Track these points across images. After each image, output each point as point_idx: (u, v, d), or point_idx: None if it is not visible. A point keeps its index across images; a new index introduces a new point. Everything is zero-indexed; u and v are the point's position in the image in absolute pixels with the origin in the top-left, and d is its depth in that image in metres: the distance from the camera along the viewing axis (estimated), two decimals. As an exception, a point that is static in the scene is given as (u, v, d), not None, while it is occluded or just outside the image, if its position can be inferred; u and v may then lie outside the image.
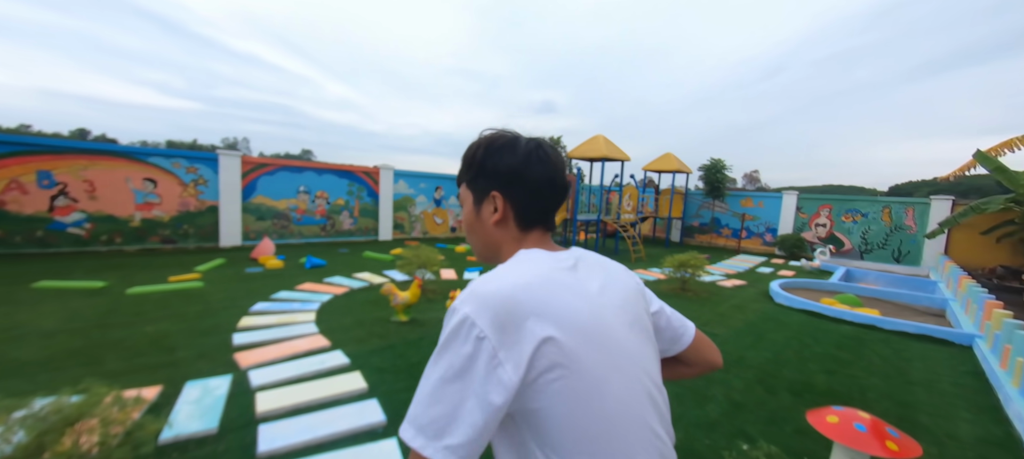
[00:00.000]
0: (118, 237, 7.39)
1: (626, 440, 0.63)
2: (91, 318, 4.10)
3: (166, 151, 7.76)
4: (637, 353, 0.70)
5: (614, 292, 0.73)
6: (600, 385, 0.62)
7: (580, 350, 0.62)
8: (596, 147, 10.18)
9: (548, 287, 0.65)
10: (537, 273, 0.67)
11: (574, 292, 0.66)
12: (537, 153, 0.75)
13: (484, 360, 0.58)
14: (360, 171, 10.35)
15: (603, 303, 0.69)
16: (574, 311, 0.64)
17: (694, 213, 15.12)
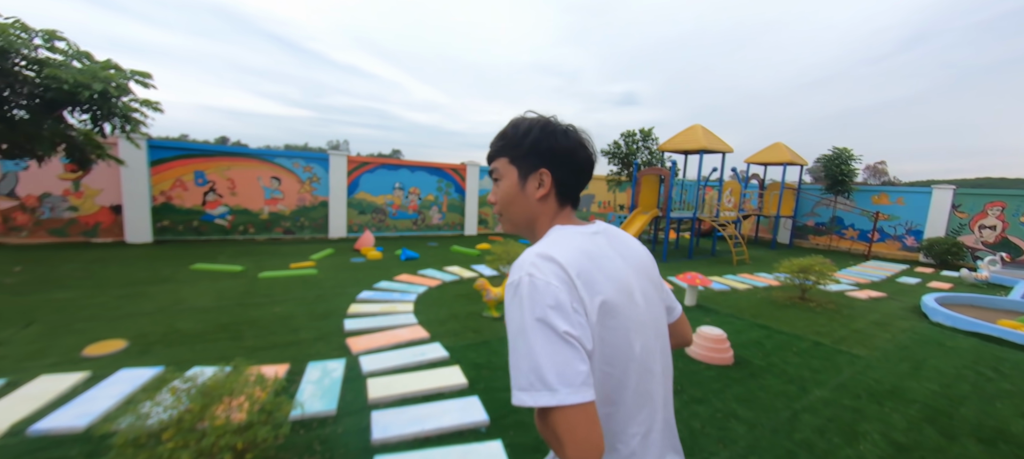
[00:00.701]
0: (251, 227, 8.56)
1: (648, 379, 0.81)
2: (234, 297, 4.73)
3: (288, 153, 8.80)
4: (651, 307, 0.85)
5: (633, 258, 0.86)
6: (628, 337, 0.77)
7: (620, 306, 0.76)
8: (693, 138, 9.34)
9: (595, 259, 0.77)
10: (581, 248, 0.77)
11: (611, 260, 0.80)
12: (584, 139, 0.87)
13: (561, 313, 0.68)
14: (449, 168, 10.76)
15: (627, 268, 0.82)
16: (615, 276, 0.78)
17: (809, 211, 13.25)
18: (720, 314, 5.08)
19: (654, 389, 0.82)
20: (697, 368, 3.49)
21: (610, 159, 10.90)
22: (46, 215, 6.98)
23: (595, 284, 0.73)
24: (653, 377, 0.82)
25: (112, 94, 4.39)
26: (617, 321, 0.75)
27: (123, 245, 7.33)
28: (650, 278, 0.88)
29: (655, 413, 0.82)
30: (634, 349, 0.78)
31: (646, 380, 0.80)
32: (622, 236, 0.90)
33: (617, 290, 0.76)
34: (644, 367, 0.80)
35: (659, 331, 0.86)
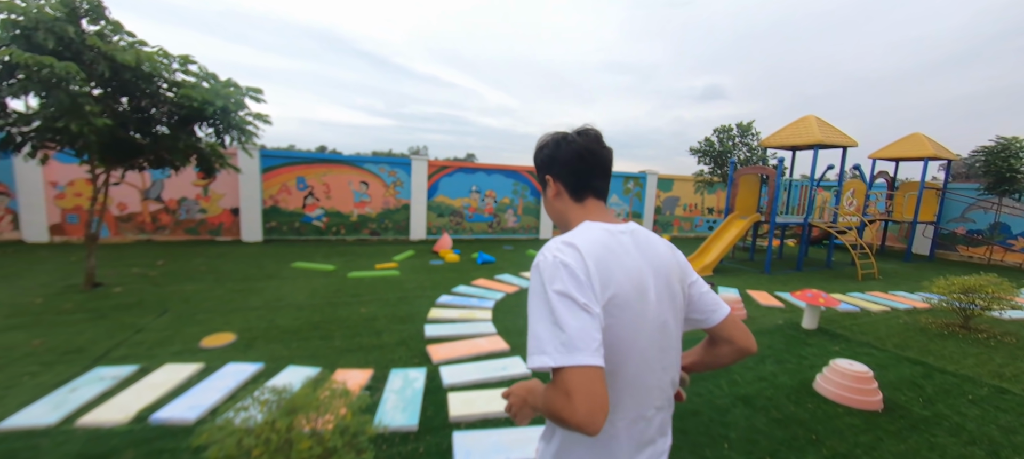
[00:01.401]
0: (342, 229, 9.21)
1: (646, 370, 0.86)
2: (325, 296, 5.00)
3: (374, 158, 9.33)
4: (662, 307, 0.88)
5: (656, 259, 0.90)
6: (634, 330, 0.83)
7: (630, 302, 0.82)
8: (806, 131, 8.10)
9: (614, 252, 0.83)
10: (601, 241, 0.83)
11: (625, 254, 0.85)
12: (565, 139, 0.95)
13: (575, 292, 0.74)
14: (524, 171, 10.63)
15: (647, 267, 0.87)
16: (631, 271, 0.83)
17: (959, 216, 10.88)
18: (852, 342, 4.21)
19: (650, 382, 0.88)
20: (834, 412, 2.84)
21: (700, 158, 9.92)
22: (183, 216, 8.15)
23: (610, 275, 0.79)
24: (651, 371, 0.88)
25: (231, 109, 4.87)
26: (625, 315, 0.81)
27: (239, 243, 8.29)
28: (669, 280, 0.91)
29: (647, 404, 0.88)
30: (637, 343, 0.84)
31: (643, 373, 0.86)
32: (649, 237, 0.94)
33: (631, 286, 0.82)
34: (643, 359, 0.86)
35: (666, 330, 0.90)
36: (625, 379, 0.83)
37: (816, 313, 4.54)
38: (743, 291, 6.10)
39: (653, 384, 0.88)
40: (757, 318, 4.86)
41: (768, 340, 4.14)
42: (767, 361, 3.63)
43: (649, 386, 0.87)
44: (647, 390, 0.87)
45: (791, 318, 4.90)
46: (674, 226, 12.86)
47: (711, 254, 7.70)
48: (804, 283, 6.96)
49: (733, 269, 7.93)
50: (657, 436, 0.92)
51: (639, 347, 0.84)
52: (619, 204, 11.82)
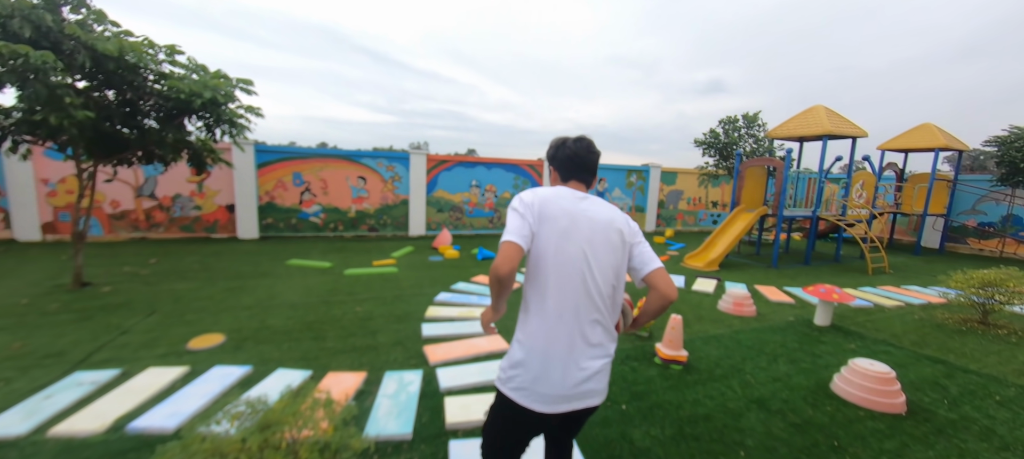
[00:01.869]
0: (340, 225, 9.06)
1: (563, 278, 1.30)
2: (320, 294, 4.85)
3: (372, 153, 9.16)
4: (592, 248, 1.32)
5: (596, 218, 1.34)
6: (556, 239, 1.30)
7: (554, 220, 1.31)
8: (815, 121, 7.89)
9: (554, 199, 1.34)
10: (553, 192, 1.36)
11: (567, 204, 1.33)
12: (564, 144, 1.44)
13: (521, 212, 1.31)
14: (525, 164, 10.44)
15: (582, 218, 1.32)
16: (560, 211, 1.32)
17: (969, 208, 10.66)
18: (867, 340, 4.04)
19: (570, 287, 1.30)
20: (855, 415, 2.68)
21: (705, 150, 9.71)
22: (178, 213, 8.01)
23: (546, 206, 1.32)
24: (570, 281, 1.30)
25: (220, 101, 4.70)
26: (547, 227, 1.31)
27: (235, 240, 8.15)
28: (607, 232, 1.34)
29: (565, 303, 1.30)
30: (562, 247, 1.30)
31: (562, 278, 1.30)
32: (599, 204, 1.37)
33: (563, 216, 1.31)
34: (562, 267, 1.30)
35: (593, 256, 1.31)
36: (549, 267, 1.29)
37: (829, 309, 4.37)
38: (751, 286, 5.93)
39: (571, 290, 1.29)
40: (767, 314, 4.70)
41: (780, 338, 3.98)
42: (780, 360, 3.47)
43: (567, 291, 1.29)
44: (571, 284, 1.29)
45: (802, 314, 4.74)
46: (678, 220, 12.67)
47: (717, 248, 7.52)
48: (813, 278, 6.79)
49: (739, 263, 7.75)
50: (591, 333, 1.32)
51: (562, 251, 1.29)
52: (622, 198, 11.63)
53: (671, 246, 9.49)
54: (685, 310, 4.76)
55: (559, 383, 1.28)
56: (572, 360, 1.29)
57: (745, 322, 4.41)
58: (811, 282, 6.39)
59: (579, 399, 1.31)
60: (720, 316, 4.57)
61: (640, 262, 1.39)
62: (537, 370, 1.28)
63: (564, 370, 1.28)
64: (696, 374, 3.17)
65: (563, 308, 1.28)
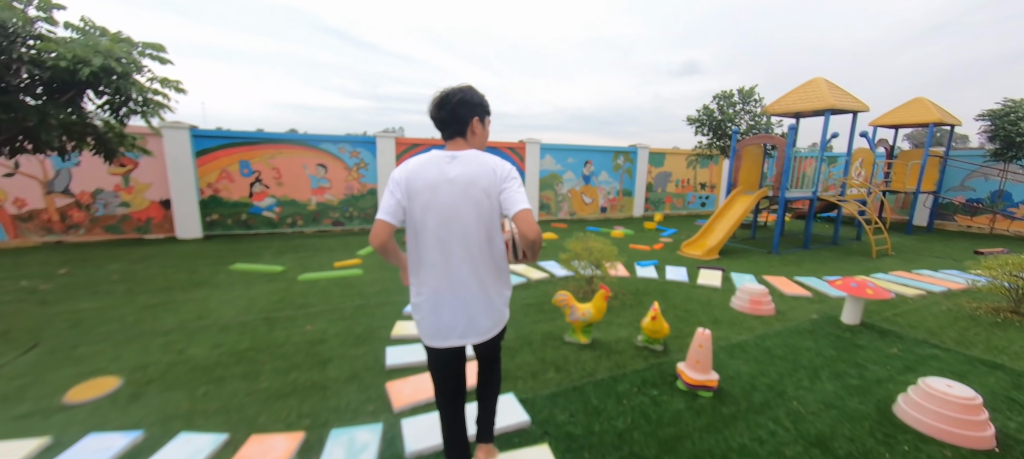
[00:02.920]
0: (299, 219, 8.09)
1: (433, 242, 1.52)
2: (264, 308, 4.02)
3: (333, 137, 8.17)
4: (455, 211, 1.50)
5: (458, 180, 1.49)
6: (422, 218, 1.51)
7: (420, 193, 1.49)
8: (815, 95, 7.40)
9: (419, 171, 1.51)
10: (420, 163, 1.53)
11: (431, 174, 1.50)
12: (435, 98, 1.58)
13: (391, 189, 1.53)
14: (505, 147, 9.65)
15: (444, 184, 1.49)
16: (423, 184, 1.49)
17: (958, 185, 10.55)
18: (906, 339, 3.54)
19: (442, 247, 1.51)
20: (940, 454, 2.11)
21: (697, 128, 9.13)
22: (100, 211, 6.88)
23: (412, 181, 1.50)
24: (441, 243, 1.51)
25: (117, 70, 3.72)
26: (414, 202, 1.50)
27: (174, 241, 7.10)
28: (468, 187, 1.49)
29: (440, 260, 1.53)
30: (428, 214, 1.50)
31: (433, 241, 1.51)
32: (464, 162, 1.51)
33: (423, 186, 1.49)
34: (432, 233, 1.51)
35: (456, 210, 1.50)
36: (420, 234, 1.53)
37: (859, 306, 3.86)
38: (759, 277, 5.42)
39: (449, 249, 1.52)
40: (786, 312, 4.16)
41: (812, 343, 3.43)
42: (822, 375, 2.91)
43: (445, 250, 1.51)
44: (442, 246, 1.51)
45: (825, 310, 4.23)
46: (666, 203, 12.18)
47: (715, 235, 7.01)
48: (816, 263, 6.36)
49: (738, 250, 7.27)
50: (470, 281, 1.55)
51: (428, 220, 1.50)
52: (609, 182, 11.01)
53: (663, 232, 8.97)
54: (696, 310, 4.18)
55: (447, 325, 1.55)
56: (458, 305, 1.54)
57: (766, 324, 3.86)
58: (813, 267, 5.95)
59: (471, 336, 1.59)
60: (736, 317, 4.01)
61: (507, 206, 1.49)
62: (427, 313, 1.57)
63: (451, 314, 1.54)
64: (731, 403, 2.55)
65: (439, 265, 1.52)
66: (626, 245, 7.49)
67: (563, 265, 4.73)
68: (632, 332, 3.55)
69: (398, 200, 1.49)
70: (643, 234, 8.77)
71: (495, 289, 1.59)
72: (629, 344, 3.33)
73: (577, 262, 4.53)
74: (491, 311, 1.59)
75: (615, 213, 11.28)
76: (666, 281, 5.22)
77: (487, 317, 1.58)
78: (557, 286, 4.85)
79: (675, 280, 5.22)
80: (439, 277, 1.52)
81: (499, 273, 1.60)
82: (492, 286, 1.58)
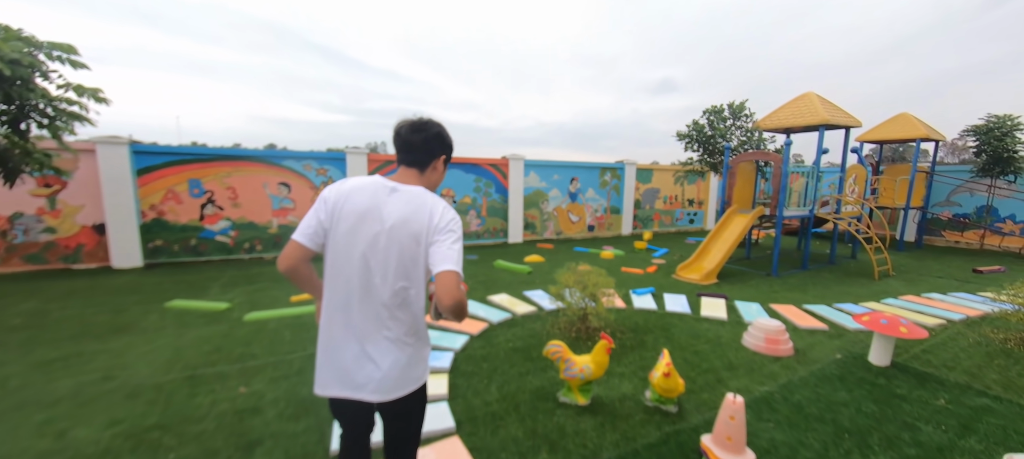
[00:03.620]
0: (258, 244, 7.33)
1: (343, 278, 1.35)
2: (192, 362, 3.31)
3: (297, 154, 7.48)
4: (374, 250, 1.32)
5: (389, 217, 1.33)
6: (338, 248, 1.34)
7: (342, 227, 1.33)
8: (808, 110, 7.16)
9: (353, 194, 1.35)
10: (356, 185, 1.37)
11: (364, 201, 1.34)
12: (397, 129, 1.45)
13: (316, 208, 1.37)
14: (487, 163, 9.13)
15: (373, 217, 1.33)
16: (352, 210, 1.33)
17: (944, 200, 10.53)
18: (948, 385, 3.10)
19: (351, 287, 1.34)
20: None
21: (687, 144, 8.81)
22: (20, 238, 6.00)
23: (344, 203, 1.34)
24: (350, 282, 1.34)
25: (7, 75, 3.03)
26: (338, 227, 1.33)
27: (108, 272, 6.25)
28: (395, 232, 1.32)
29: (348, 302, 1.34)
30: (347, 253, 1.33)
31: (343, 278, 1.34)
32: (403, 199, 1.36)
33: (350, 212, 1.33)
34: (344, 267, 1.34)
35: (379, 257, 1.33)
36: (333, 266, 1.36)
37: (890, 345, 3.41)
38: (765, 305, 4.96)
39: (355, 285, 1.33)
40: (806, 351, 3.69)
41: (846, 394, 2.94)
42: (873, 443, 2.40)
43: (353, 284, 1.33)
44: (351, 285, 1.33)
45: (846, 346, 3.78)
46: (655, 221, 11.82)
47: (712, 257, 6.59)
48: (820, 286, 5.99)
49: (736, 272, 6.87)
50: (375, 333, 1.35)
51: (344, 252, 1.34)
52: (597, 199, 10.58)
53: (654, 252, 8.53)
54: (706, 351, 3.66)
55: (343, 374, 1.35)
56: (358, 355, 1.34)
57: (788, 368, 3.36)
58: (822, 293, 5.55)
59: (366, 392, 1.34)
60: (753, 360, 3.50)
61: (433, 261, 1.31)
62: (323, 356, 1.39)
63: (350, 362, 1.34)
64: (775, 493, 2.01)
65: (343, 305, 1.34)
66: (618, 267, 7.00)
67: (553, 298, 4.17)
68: (638, 386, 2.99)
69: (321, 221, 1.35)
70: (634, 255, 8.31)
71: (406, 345, 1.38)
72: (636, 403, 2.77)
73: (569, 292, 3.98)
74: (395, 367, 1.36)
75: (603, 231, 10.83)
76: (667, 312, 4.71)
77: (392, 373, 1.35)
78: (546, 322, 4.28)
79: (676, 312, 4.72)
80: (344, 316, 1.36)
81: (413, 328, 1.40)
82: (402, 340, 1.38)
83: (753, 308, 4.84)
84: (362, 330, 1.33)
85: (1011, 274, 7.02)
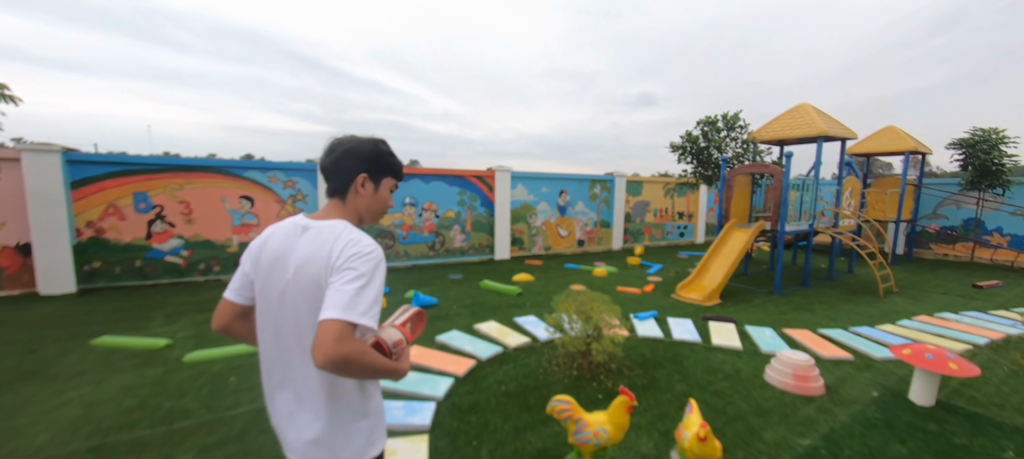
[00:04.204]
0: (215, 264, 6.58)
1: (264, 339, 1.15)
2: (104, 422, 2.65)
3: (262, 164, 6.82)
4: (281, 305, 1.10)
5: (292, 261, 1.09)
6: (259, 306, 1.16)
7: (257, 285, 1.15)
8: (805, 122, 6.95)
9: (266, 244, 1.15)
10: (269, 234, 1.17)
11: (274, 249, 1.12)
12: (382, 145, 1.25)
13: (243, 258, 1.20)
14: (472, 176, 8.62)
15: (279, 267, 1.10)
16: (264, 262, 1.13)
17: (930, 213, 10.55)
18: (1005, 429, 2.71)
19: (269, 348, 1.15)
20: None
21: (681, 156, 8.52)
22: (-76, 262, 5.14)
23: (260, 254, 1.15)
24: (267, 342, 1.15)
25: None
26: (257, 279, 1.16)
27: (33, 299, 5.42)
28: (299, 278, 1.07)
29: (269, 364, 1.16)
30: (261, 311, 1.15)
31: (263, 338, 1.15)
32: (309, 237, 1.10)
33: (268, 261, 1.13)
34: (262, 328, 1.15)
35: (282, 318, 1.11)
36: (257, 325, 1.17)
37: (935, 382, 3.02)
38: (780, 330, 4.57)
39: (272, 345, 1.14)
40: (838, 388, 3.27)
41: (898, 444, 2.51)
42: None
43: (270, 344, 1.14)
44: (268, 346, 1.15)
45: (879, 380, 3.39)
46: (645, 234, 11.50)
47: (713, 274, 6.21)
48: (827, 306, 5.67)
49: (736, 290, 6.51)
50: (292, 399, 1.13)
51: (260, 310, 1.15)
52: (586, 212, 10.19)
53: (649, 269, 8.13)
54: (727, 390, 3.20)
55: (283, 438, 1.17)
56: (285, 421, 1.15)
57: (824, 411, 2.93)
58: (833, 314, 5.21)
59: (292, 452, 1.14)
60: (784, 402, 3.05)
61: (322, 308, 1.01)
62: None
63: (282, 427, 1.16)
64: None
65: (267, 368, 1.17)
66: (612, 286, 6.56)
67: (549, 326, 3.65)
68: (660, 443, 2.50)
69: (245, 273, 1.18)
70: (628, 271, 7.90)
71: (335, 417, 1.11)
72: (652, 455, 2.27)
73: (567, 320, 3.47)
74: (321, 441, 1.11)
75: (593, 246, 10.42)
76: (674, 340, 4.25)
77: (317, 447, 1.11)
78: (542, 356, 3.76)
79: (685, 339, 4.27)
80: (267, 383, 1.18)
81: (327, 398, 1.10)
82: (331, 411, 1.11)
83: (766, 334, 4.44)
84: (280, 394, 1.15)
85: (1009, 288, 6.90)
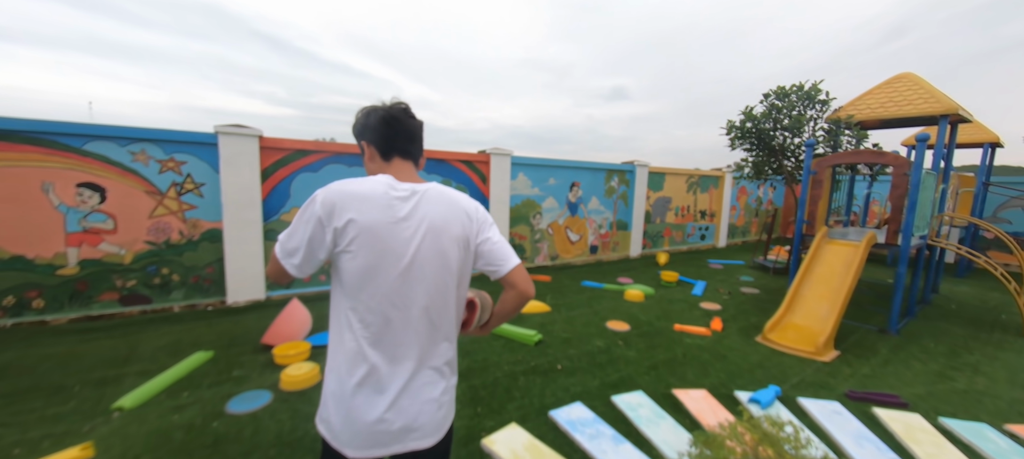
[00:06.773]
0: (36, 299, 4.12)
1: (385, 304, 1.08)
2: None
3: (122, 130, 4.36)
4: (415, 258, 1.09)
5: (433, 218, 1.11)
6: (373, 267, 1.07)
7: (361, 235, 1.05)
8: (916, 94, 5.32)
9: (355, 199, 1.06)
10: (365, 187, 1.08)
11: (379, 217, 1.06)
12: (374, 108, 1.18)
13: (315, 223, 1.05)
14: (457, 160, 6.44)
15: (406, 225, 1.08)
16: (370, 219, 1.05)
17: (992, 216, 9.42)
18: None
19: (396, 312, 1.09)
20: None
21: (733, 140, 6.66)
22: None
23: (345, 212, 1.05)
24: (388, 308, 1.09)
25: None
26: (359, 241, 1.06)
27: None
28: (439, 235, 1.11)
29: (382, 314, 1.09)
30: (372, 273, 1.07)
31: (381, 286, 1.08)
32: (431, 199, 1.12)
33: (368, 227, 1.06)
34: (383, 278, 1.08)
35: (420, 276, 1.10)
36: (368, 290, 1.07)
37: None
38: (999, 426, 2.82)
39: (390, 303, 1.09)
40: None
41: None
42: None
43: (385, 301, 1.08)
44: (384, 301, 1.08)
45: None
46: (665, 237, 9.73)
47: (815, 311, 4.49)
48: (973, 352, 4.07)
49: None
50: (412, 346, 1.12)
51: (377, 268, 1.07)
52: (601, 211, 8.24)
53: (692, 287, 6.32)
54: None
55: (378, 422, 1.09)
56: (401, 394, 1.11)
57: None
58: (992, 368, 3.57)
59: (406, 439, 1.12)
60: None
61: (496, 260, 1.20)
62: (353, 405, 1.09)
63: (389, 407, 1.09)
64: None
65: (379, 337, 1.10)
66: (660, 318, 4.70)
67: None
68: None
69: (317, 239, 1.08)
70: (666, 292, 6.05)
71: (450, 373, 1.22)
72: None
73: None
74: (440, 404, 1.16)
75: (607, 252, 8.53)
76: (843, 455, 2.39)
77: (436, 411, 1.15)
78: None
79: (857, 454, 2.41)
80: (382, 352, 1.10)
81: (452, 350, 1.23)
82: (447, 368, 1.20)
83: (983, 432, 2.66)
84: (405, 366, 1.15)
85: None
